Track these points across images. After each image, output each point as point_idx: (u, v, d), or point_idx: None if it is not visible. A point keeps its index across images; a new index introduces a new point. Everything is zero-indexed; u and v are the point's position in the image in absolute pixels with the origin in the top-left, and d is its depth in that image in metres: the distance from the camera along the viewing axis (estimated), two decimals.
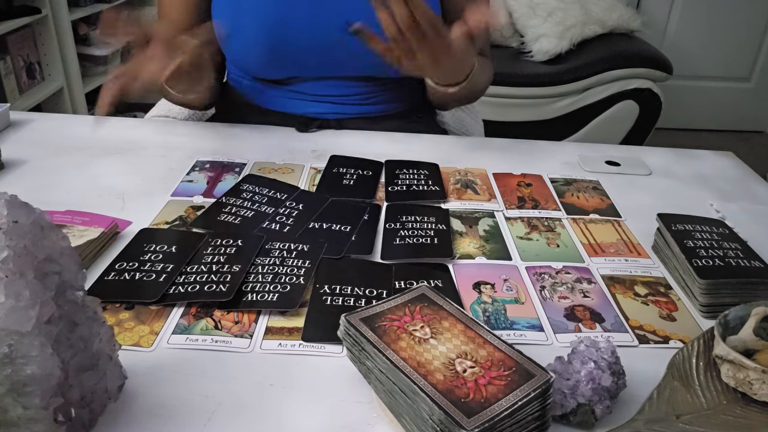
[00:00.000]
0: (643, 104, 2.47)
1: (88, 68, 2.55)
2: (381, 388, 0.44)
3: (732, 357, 0.47)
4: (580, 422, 0.45)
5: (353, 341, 0.46)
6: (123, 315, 0.54)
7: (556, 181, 0.84)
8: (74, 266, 0.41)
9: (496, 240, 0.69)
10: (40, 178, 0.77)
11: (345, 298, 0.57)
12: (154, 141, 0.89)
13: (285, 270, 0.60)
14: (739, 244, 0.65)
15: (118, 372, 0.45)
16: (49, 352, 0.37)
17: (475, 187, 0.81)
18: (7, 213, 0.37)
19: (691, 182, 0.87)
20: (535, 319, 0.57)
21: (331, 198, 0.75)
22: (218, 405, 0.46)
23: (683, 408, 0.47)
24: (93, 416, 0.43)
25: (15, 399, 0.37)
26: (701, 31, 3.07)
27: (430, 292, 0.50)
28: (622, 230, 0.73)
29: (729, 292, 0.59)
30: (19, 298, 0.36)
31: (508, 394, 0.40)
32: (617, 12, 2.62)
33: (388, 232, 0.69)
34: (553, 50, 2.50)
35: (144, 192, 0.75)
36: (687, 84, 3.12)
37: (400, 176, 0.81)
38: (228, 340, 0.52)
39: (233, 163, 0.84)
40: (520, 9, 2.62)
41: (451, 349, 0.43)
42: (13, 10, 2.08)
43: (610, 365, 0.45)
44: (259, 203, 0.73)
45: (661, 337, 0.56)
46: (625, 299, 0.61)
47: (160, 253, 0.62)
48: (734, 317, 0.51)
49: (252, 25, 0.87)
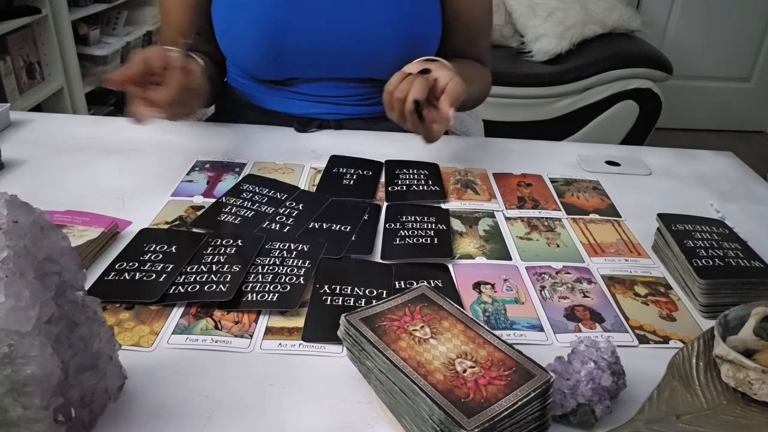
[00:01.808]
0: (643, 104, 2.47)
1: (88, 68, 2.55)
2: (381, 388, 0.44)
3: (732, 357, 0.47)
4: (580, 422, 0.45)
5: (353, 341, 0.46)
6: (123, 315, 0.54)
7: (556, 181, 0.84)
8: (74, 266, 0.41)
9: (496, 240, 0.69)
10: (40, 178, 0.77)
11: (345, 298, 0.57)
12: (154, 141, 0.89)
13: (285, 270, 0.60)
14: (739, 244, 0.65)
15: (118, 372, 0.45)
16: (49, 352, 0.37)
17: (475, 187, 0.81)
18: (7, 213, 0.37)
19: (691, 182, 0.87)
20: (535, 319, 0.57)
21: (331, 198, 0.75)
22: (218, 405, 0.46)
23: (683, 408, 0.47)
24: (93, 416, 0.43)
25: (15, 399, 0.37)
26: (701, 31, 3.07)
27: (430, 292, 0.50)
28: (622, 230, 0.73)
29: (729, 292, 0.59)
30: (19, 298, 0.36)
31: (508, 394, 0.40)
32: (617, 12, 2.62)
33: (388, 232, 0.69)
34: (553, 50, 2.50)
35: (144, 192, 0.75)
36: (687, 84, 3.12)
37: (400, 176, 0.81)
38: (228, 340, 0.52)
39: (233, 163, 0.84)
40: (520, 9, 2.62)
41: (451, 349, 0.43)
42: (13, 10, 2.08)
43: (610, 365, 0.45)
44: (259, 203, 0.73)
45: (661, 337, 0.56)
46: (625, 299, 0.61)
47: (160, 253, 0.62)
48: (734, 317, 0.51)
49: (251, 25, 0.87)
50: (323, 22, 0.87)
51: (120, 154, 0.84)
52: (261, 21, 0.87)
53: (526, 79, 2.42)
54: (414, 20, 0.90)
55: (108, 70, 2.61)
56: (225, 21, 0.90)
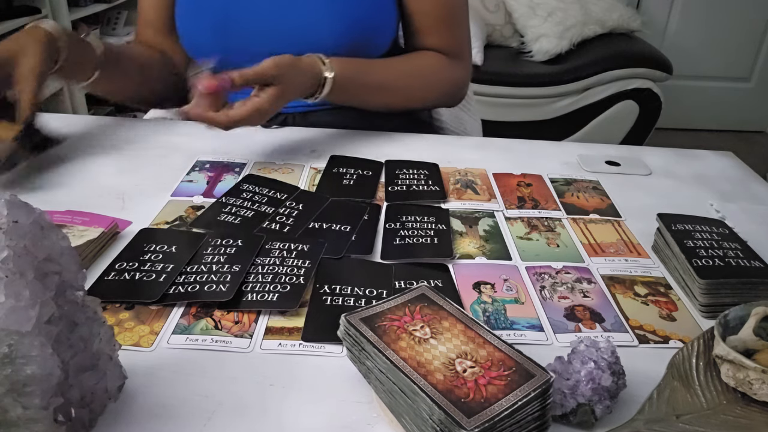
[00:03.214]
0: (643, 104, 2.47)
1: None
2: (381, 388, 0.44)
3: (732, 357, 0.47)
4: (580, 422, 0.45)
5: (353, 341, 0.46)
6: (123, 315, 0.54)
7: (556, 181, 0.84)
8: (74, 266, 0.41)
9: (496, 240, 0.69)
10: (40, 178, 0.77)
11: (345, 298, 0.57)
12: (154, 141, 0.89)
13: (285, 270, 0.60)
14: (739, 244, 0.65)
15: (118, 372, 0.45)
16: (49, 352, 0.37)
17: (475, 187, 0.81)
18: (7, 213, 0.37)
19: (691, 182, 0.87)
20: (535, 319, 0.57)
21: (331, 198, 0.75)
22: (218, 405, 0.46)
23: (683, 408, 0.47)
24: (93, 416, 0.43)
25: (15, 399, 0.37)
26: (701, 31, 3.07)
27: (430, 292, 0.50)
28: (622, 230, 0.73)
29: (729, 292, 0.59)
30: (19, 298, 0.36)
31: (508, 394, 0.40)
32: (617, 12, 2.62)
33: (388, 232, 0.69)
34: (553, 50, 2.50)
35: (144, 192, 0.75)
36: (687, 84, 3.12)
37: (400, 176, 0.81)
38: (228, 340, 0.52)
39: (233, 163, 0.84)
40: (520, 9, 2.62)
41: (451, 349, 0.43)
42: (13, 10, 2.08)
43: (610, 365, 0.45)
44: (259, 203, 0.73)
45: (661, 337, 0.56)
46: (625, 299, 0.61)
47: (160, 253, 0.62)
48: (734, 317, 0.51)
49: (204, 13, 0.90)
50: (266, 3, 0.89)
51: (120, 154, 0.84)
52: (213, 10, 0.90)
53: (526, 79, 2.42)
54: (358, 7, 0.88)
55: None
56: (181, 3, 0.94)
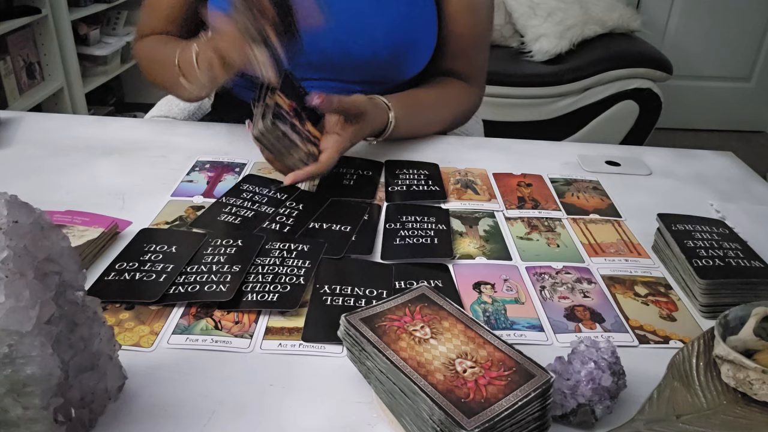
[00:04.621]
0: (643, 104, 2.47)
1: (88, 68, 2.55)
2: (381, 388, 0.44)
3: (732, 357, 0.47)
4: (580, 422, 0.45)
5: (353, 341, 0.46)
6: (123, 315, 0.54)
7: (556, 181, 0.84)
8: (74, 266, 0.41)
9: (496, 240, 0.69)
10: (40, 178, 0.77)
11: (345, 298, 0.57)
12: (154, 141, 0.89)
13: (285, 270, 0.60)
14: (739, 244, 0.65)
15: (118, 372, 0.45)
16: (49, 352, 0.37)
17: (475, 187, 0.81)
18: (7, 213, 0.37)
19: (691, 182, 0.87)
20: (535, 319, 0.57)
21: (331, 198, 0.75)
22: (218, 405, 0.46)
23: (683, 408, 0.47)
24: (93, 416, 0.43)
25: (15, 399, 0.37)
26: (701, 31, 3.07)
27: (430, 292, 0.50)
28: (622, 230, 0.73)
29: (729, 292, 0.59)
30: (19, 298, 0.36)
31: (509, 394, 0.40)
32: (617, 12, 2.62)
33: (388, 232, 0.69)
34: (553, 50, 2.50)
35: (144, 192, 0.75)
36: (687, 84, 3.12)
37: (400, 176, 0.81)
38: (228, 340, 0.52)
39: (233, 163, 0.84)
40: (520, 9, 2.62)
41: (451, 349, 0.43)
42: (13, 10, 2.08)
43: (610, 365, 0.45)
44: (259, 203, 0.73)
45: (661, 337, 0.56)
46: (625, 299, 0.61)
47: (160, 253, 0.62)
48: (734, 317, 0.51)
49: None
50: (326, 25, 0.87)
51: (120, 154, 0.84)
52: None
53: (526, 79, 2.42)
54: (407, 27, 0.88)
55: (108, 70, 2.61)
56: None
